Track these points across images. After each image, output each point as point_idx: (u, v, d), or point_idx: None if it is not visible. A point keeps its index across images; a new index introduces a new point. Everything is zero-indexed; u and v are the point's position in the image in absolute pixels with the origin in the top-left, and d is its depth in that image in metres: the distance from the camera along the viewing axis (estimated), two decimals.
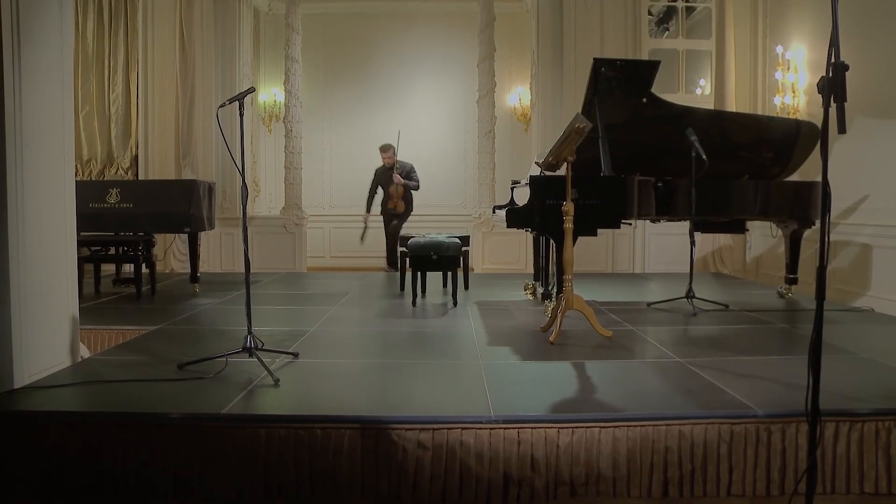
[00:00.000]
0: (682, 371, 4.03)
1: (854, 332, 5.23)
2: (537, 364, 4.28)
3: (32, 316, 3.78)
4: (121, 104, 9.70)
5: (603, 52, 9.10)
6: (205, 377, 3.85)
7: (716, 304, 6.16)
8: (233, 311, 6.12)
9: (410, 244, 6.53)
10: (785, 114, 8.04)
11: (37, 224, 3.83)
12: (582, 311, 4.91)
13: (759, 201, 6.27)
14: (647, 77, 5.89)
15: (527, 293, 7.05)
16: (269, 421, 3.18)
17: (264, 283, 8.21)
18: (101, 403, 3.46)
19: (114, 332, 5.25)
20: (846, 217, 6.96)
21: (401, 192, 9.69)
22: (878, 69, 6.42)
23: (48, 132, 3.95)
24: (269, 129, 12.03)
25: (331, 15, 11.67)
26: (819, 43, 7.65)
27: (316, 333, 5.18)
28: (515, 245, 9.61)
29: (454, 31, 11.63)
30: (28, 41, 3.74)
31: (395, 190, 9.68)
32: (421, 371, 4.13)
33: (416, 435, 3.12)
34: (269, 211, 11.53)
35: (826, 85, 2.42)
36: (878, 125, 6.50)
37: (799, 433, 3.15)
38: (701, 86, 10.15)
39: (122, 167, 9.68)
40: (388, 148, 9.70)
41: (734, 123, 6.61)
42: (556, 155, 4.81)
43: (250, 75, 10.14)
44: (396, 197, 9.69)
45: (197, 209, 6.97)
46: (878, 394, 3.48)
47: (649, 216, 6.10)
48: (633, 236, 9.42)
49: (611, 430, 3.14)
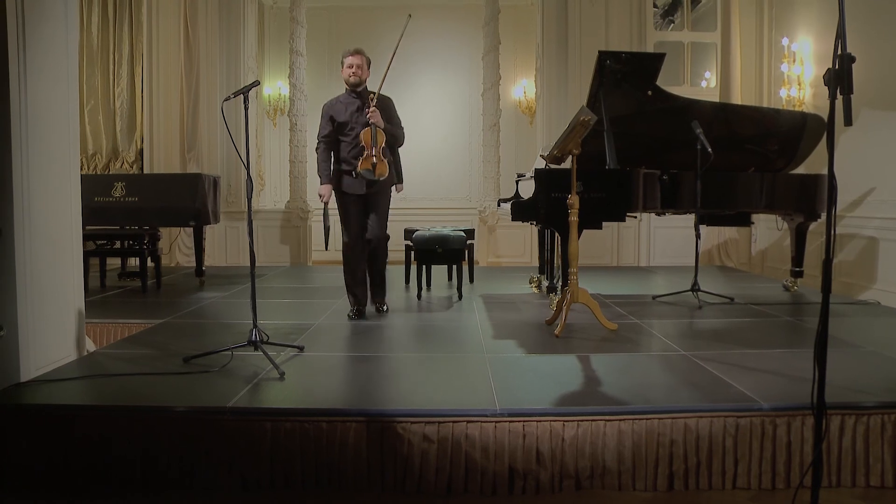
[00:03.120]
0: (688, 364, 4.02)
1: (860, 325, 5.23)
2: (542, 357, 4.28)
3: (39, 310, 3.80)
4: (126, 98, 9.70)
5: (608, 44, 9.07)
6: (210, 371, 3.86)
7: (721, 298, 6.15)
8: (238, 304, 6.13)
9: (416, 237, 6.54)
10: (791, 106, 8.02)
11: (42, 218, 3.84)
12: (587, 304, 4.91)
13: (765, 194, 6.25)
14: (653, 70, 5.86)
15: (532, 286, 7.05)
16: (275, 414, 3.19)
17: (269, 276, 8.22)
18: (107, 397, 3.47)
19: (119, 326, 5.27)
20: (852, 210, 6.94)
21: (382, 142, 5.38)
22: (885, 61, 6.38)
23: (53, 126, 3.96)
24: (273, 122, 12.02)
25: (335, 8, 11.64)
26: (825, 35, 7.61)
27: (321, 327, 5.19)
28: (520, 238, 9.60)
29: (458, 23, 11.59)
30: (33, 35, 3.74)
31: (371, 136, 5.34)
32: (426, 364, 4.14)
33: (421, 428, 3.12)
34: (274, 204, 11.52)
35: (832, 77, 2.41)
36: (884, 117, 6.47)
37: (804, 426, 3.15)
38: (706, 78, 10.12)
39: (127, 161, 9.68)
40: (358, 52, 5.51)
41: (740, 116, 6.59)
42: (562, 148, 4.80)
43: (255, 69, 10.13)
44: (376, 150, 5.35)
45: (202, 203, 6.98)
46: (883, 387, 3.48)
47: (654, 209, 6.09)
48: (639, 229, 9.40)
49: (616, 423, 3.14)
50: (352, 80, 5.46)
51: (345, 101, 5.53)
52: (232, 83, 9.46)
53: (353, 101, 5.50)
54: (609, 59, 5.70)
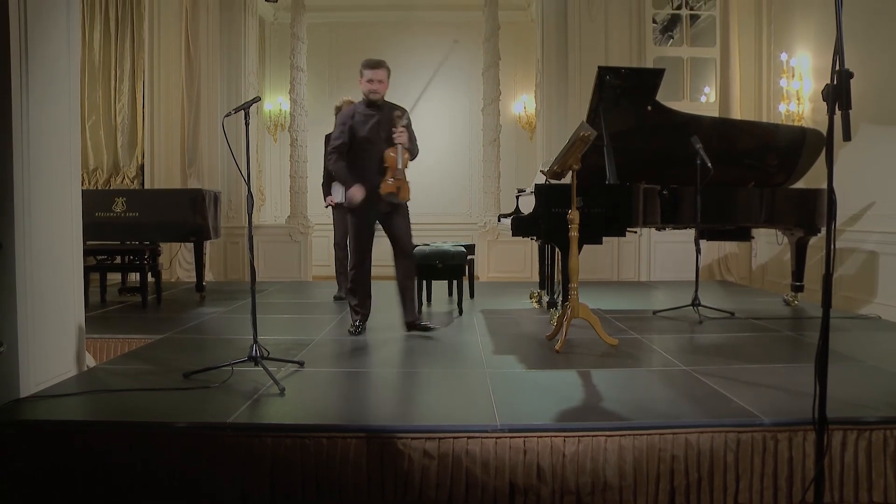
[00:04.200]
0: (688, 379, 4.02)
1: (861, 340, 5.22)
2: (543, 372, 4.27)
3: (39, 325, 3.80)
4: (127, 113, 9.74)
5: (608, 60, 9.10)
6: (210, 386, 3.85)
7: (721, 312, 6.15)
8: (238, 319, 6.12)
9: (416, 252, 6.53)
10: (790, 121, 8.03)
11: (43, 233, 3.85)
12: (587, 319, 4.90)
13: (765, 209, 6.26)
14: (652, 85, 5.88)
15: (532, 301, 7.04)
16: (275, 430, 3.18)
17: (270, 291, 8.21)
18: (107, 412, 3.46)
19: (119, 341, 5.26)
20: (852, 224, 6.94)
21: (406, 164, 5.36)
22: (883, 76, 6.40)
23: (55, 143, 3.97)
24: (274, 137, 12.06)
25: (336, 24, 11.70)
26: (824, 50, 7.64)
27: (321, 342, 5.18)
28: (521, 254, 9.60)
29: (459, 39, 11.65)
30: (35, 51, 3.76)
31: (397, 159, 5.26)
32: (427, 380, 4.13)
33: (421, 444, 3.12)
34: (275, 220, 11.54)
35: (830, 93, 2.43)
36: (883, 132, 6.48)
37: (806, 441, 3.14)
38: (706, 93, 10.16)
39: (128, 176, 9.71)
40: (380, 65, 5.38)
41: (739, 131, 6.61)
42: (562, 163, 4.81)
43: (256, 84, 10.18)
44: (401, 172, 5.31)
45: (202, 218, 6.99)
46: (885, 401, 3.47)
47: (655, 224, 6.09)
48: (639, 244, 9.40)
49: (617, 438, 3.13)
50: (373, 95, 5.33)
51: (364, 113, 5.33)
52: (233, 98, 9.51)
53: (372, 114, 5.32)
54: (609, 74, 5.72)
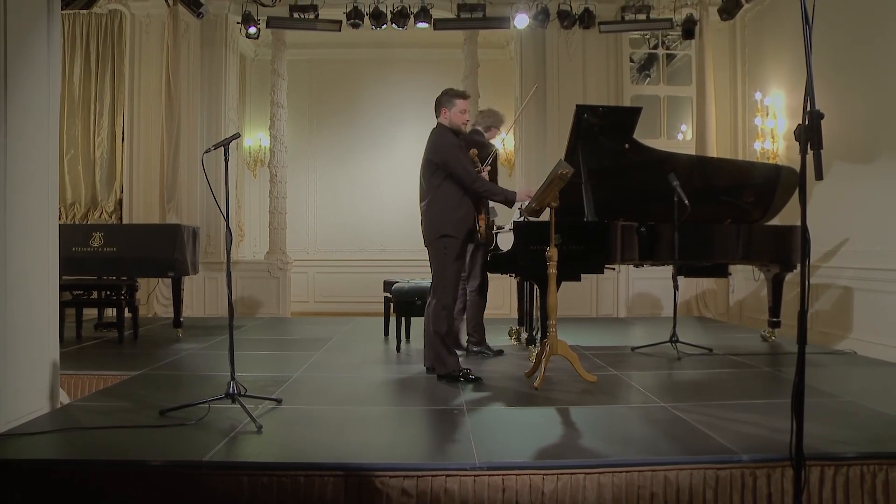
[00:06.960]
0: (667, 416, 4.02)
1: (837, 375, 5.26)
2: (522, 410, 4.26)
3: (11, 361, 3.74)
4: (106, 148, 9.72)
5: (585, 98, 9.23)
6: (187, 424, 3.80)
7: (700, 348, 6.17)
8: (216, 356, 6.07)
9: (395, 289, 6.53)
10: (765, 159, 8.17)
11: (19, 269, 3.80)
12: (566, 356, 4.91)
13: (742, 245, 6.32)
14: (630, 123, 5.96)
15: (511, 338, 7.03)
16: (252, 468, 3.14)
17: (248, 328, 8.16)
18: (81, 451, 3.40)
19: (95, 378, 5.19)
20: (827, 260, 7.03)
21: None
22: (855, 114, 6.54)
23: (32, 179, 3.94)
24: (254, 173, 12.05)
25: (316, 61, 11.78)
26: (797, 89, 7.79)
27: (299, 379, 5.14)
28: (500, 290, 9.59)
29: (439, 77, 11.64)
30: (14, 84, 3.75)
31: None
32: (405, 418, 4.11)
33: (400, 482, 3.09)
34: (254, 255, 11.49)
35: (802, 133, 2.47)
36: (855, 169, 6.60)
37: (784, 478, 3.14)
38: (682, 131, 10.29)
39: (106, 211, 9.66)
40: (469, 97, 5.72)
41: (716, 168, 6.70)
42: (540, 201, 4.84)
43: (236, 120, 10.19)
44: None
45: (181, 253, 6.94)
46: (862, 437, 3.49)
47: (633, 261, 6.13)
48: (617, 280, 9.44)
49: (596, 476, 3.12)
50: (466, 126, 5.44)
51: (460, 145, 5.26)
52: (213, 134, 9.51)
53: (461, 144, 5.30)
54: (587, 112, 5.79)
